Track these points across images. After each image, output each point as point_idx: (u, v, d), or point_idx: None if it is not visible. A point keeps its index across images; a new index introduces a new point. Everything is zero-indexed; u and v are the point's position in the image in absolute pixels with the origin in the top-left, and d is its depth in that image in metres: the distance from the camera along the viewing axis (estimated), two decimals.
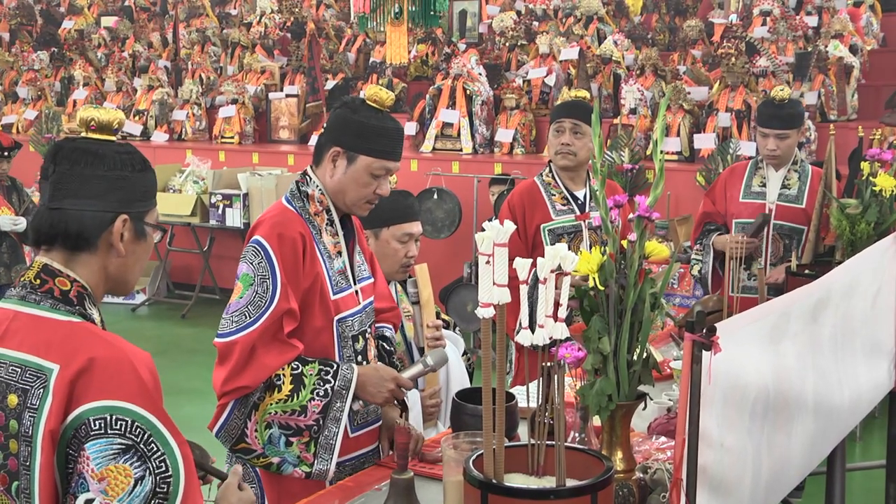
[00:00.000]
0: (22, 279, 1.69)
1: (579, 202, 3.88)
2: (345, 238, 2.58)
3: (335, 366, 2.46)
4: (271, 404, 2.42)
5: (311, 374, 2.43)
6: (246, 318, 2.41)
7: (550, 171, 3.93)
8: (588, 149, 3.78)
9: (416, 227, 3.01)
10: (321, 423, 2.43)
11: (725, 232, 4.36)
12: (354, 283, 2.59)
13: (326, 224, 2.54)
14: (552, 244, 3.81)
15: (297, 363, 2.43)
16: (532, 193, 3.90)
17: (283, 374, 2.42)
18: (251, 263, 2.44)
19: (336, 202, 2.55)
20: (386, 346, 2.79)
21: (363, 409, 2.56)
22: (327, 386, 2.43)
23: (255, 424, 2.43)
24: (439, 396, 3.02)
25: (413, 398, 2.89)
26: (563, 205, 3.86)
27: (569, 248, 1.82)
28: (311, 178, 2.55)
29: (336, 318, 2.52)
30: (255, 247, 2.45)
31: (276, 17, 11.17)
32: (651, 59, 8.02)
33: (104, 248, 1.70)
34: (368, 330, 2.64)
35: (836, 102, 7.52)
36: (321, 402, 2.42)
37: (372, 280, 2.69)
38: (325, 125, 2.57)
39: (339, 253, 2.55)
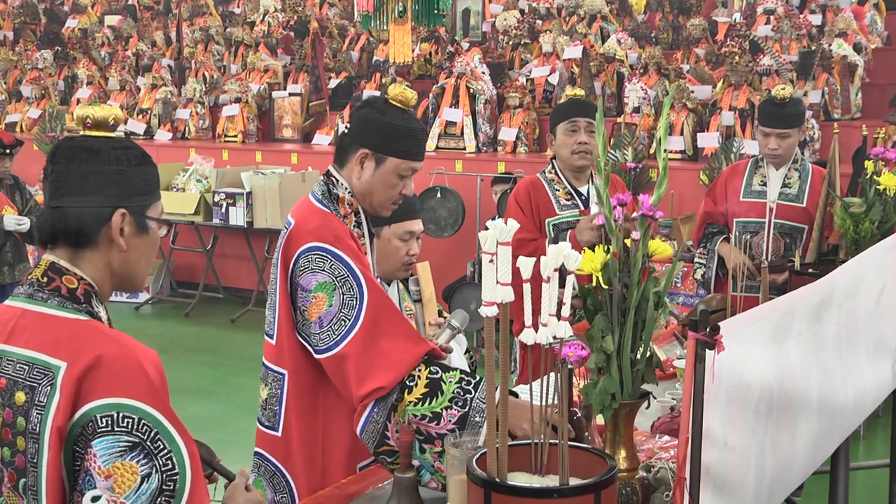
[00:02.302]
0: (29, 277, 1.70)
1: (583, 198, 3.93)
2: (368, 239, 2.58)
3: (478, 378, 2.32)
4: (407, 406, 2.29)
5: (451, 382, 2.28)
6: (345, 322, 2.31)
7: (553, 167, 3.97)
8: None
9: (417, 225, 3.01)
10: (457, 434, 2.22)
11: (727, 232, 4.35)
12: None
13: (354, 226, 2.52)
14: (556, 239, 3.86)
15: (436, 368, 2.31)
16: (537, 188, 3.96)
17: (419, 376, 2.29)
18: (323, 270, 2.35)
19: (362, 203, 2.53)
20: None
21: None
22: (467, 396, 2.27)
23: (395, 426, 2.30)
24: None
25: None
26: (567, 200, 3.91)
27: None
28: (338, 180, 2.51)
29: None
30: (318, 254, 2.36)
31: (280, 15, 11.17)
32: (654, 57, 8.01)
33: (105, 244, 1.70)
34: None
35: (840, 101, 7.51)
36: (458, 412, 2.26)
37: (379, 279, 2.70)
38: (348, 125, 2.52)
39: (366, 253, 2.55)
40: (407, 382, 2.29)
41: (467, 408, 2.26)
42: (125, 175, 1.70)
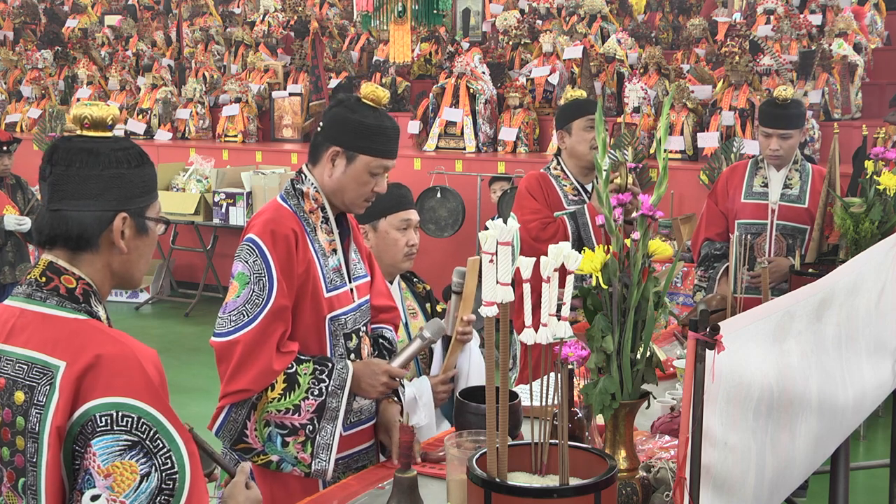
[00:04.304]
0: (28, 277, 1.70)
1: (589, 193, 3.99)
2: (340, 236, 2.59)
3: (330, 365, 2.48)
4: (267, 403, 2.44)
5: (305, 374, 2.45)
6: (244, 316, 2.42)
7: (558, 163, 4.02)
8: None
9: (412, 215, 3.03)
10: (316, 422, 2.44)
11: (726, 250, 4.33)
12: (350, 281, 2.60)
13: (321, 221, 2.55)
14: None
15: (291, 362, 2.46)
16: (546, 181, 4.02)
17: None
18: (246, 262, 2.46)
19: (334, 201, 2.56)
20: (387, 345, 2.79)
21: (358, 407, 2.57)
22: (322, 385, 2.45)
23: (255, 423, 2.46)
24: (451, 382, 3.01)
25: (423, 386, 2.90)
26: (575, 195, 3.99)
27: None
28: (306, 176, 2.56)
29: (329, 315, 2.52)
30: (249, 245, 2.46)
31: (280, 15, 11.18)
32: (655, 57, 8.01)
33: (106, 247, 1.70)
34: (363, 328, 2.64)
35: (840, 101, 7.51)
36: (315, 401, 2.44)
37: (368, 278, 2.70)
38: (320, 124, 2.56)
39: (335, 250, 2.56)
40: None
41: (324, 395, 2.44)
42: (125, 178, 1.70)
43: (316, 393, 2.44)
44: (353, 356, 2.57)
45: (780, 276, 4.11)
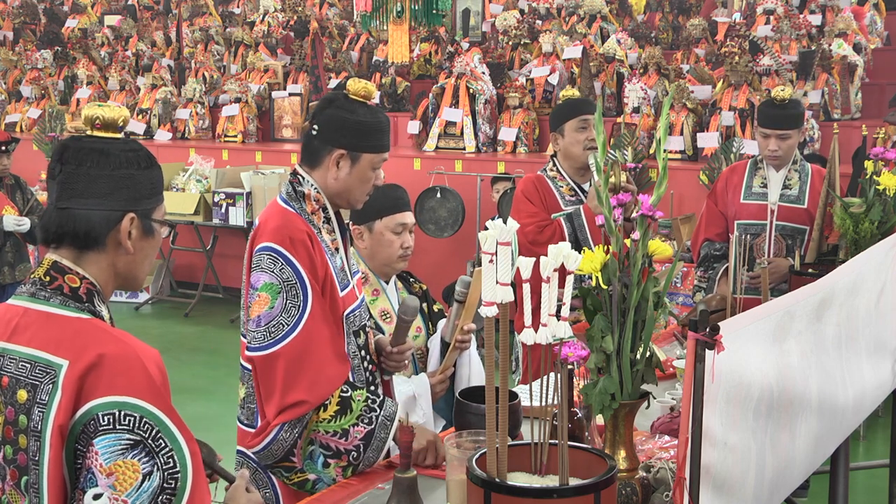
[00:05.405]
0: (32, 276, 1.71)
1: (586, 193, 3.97)
2: (340, 234, 2.59)
3: (381, 396, 2.47)
4: (317, 422, 2.40)
5: (359, 400, 2.41)
6: (284, 326, 2.36)
7: (554, 165, 4.01)
8: None
9: (408, 217, 3.04)
10: (361, 450, 2.40)
11: (726, 251, 4.34)
12: (351, 278, 2.60)
13: (323, 222, 2.54)
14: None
15: (346, 386, 2.42)
16: (542, 184, 4.01)
17: (331, 395, 2.40)
18: (271, 272, 2.38)
19: (337, 201, 2.55)
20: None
21: None
22: (373, 414, 2.41)
23: (302, 441, 2.41)
24: (447, 381, 3.02)
25: (423, 386, 2.90)
26: (572, 196, 3.98)
27: None
28: (304, 178, 2.54)
29: (344, 314, 2.52)
30: (270, 254, 2.40)
31: (280, 15, 11.18)
32: (654, 57, 8.01)
33: (112, 247, 1.71)
34: (367, 324, 2.64)
35: (840, 101, 7.51)
36: (365, 428, 2.40)
37: (360, 273, 2.72)
38: (315, 126, 2.52)
39: (337, 249, 2.56)
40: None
41: (373, 425, 2.40)
42: (135, 179, 1.71)
43: (366, 421, 2.40)
44: (362, 352, 2.57)
45: (780, 276, 4.11)
